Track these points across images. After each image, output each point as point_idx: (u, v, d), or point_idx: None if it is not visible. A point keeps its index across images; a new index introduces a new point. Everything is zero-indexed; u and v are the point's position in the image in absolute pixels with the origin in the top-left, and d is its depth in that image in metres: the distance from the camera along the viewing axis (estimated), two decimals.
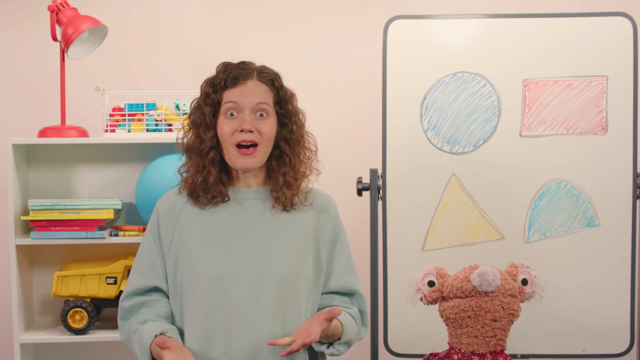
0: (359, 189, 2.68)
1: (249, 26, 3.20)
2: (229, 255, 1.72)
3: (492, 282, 2.14)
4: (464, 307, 2.17)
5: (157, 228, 1.78)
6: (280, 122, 1.79)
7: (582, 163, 2.66)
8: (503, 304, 2.16)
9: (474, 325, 2.19)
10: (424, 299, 2.29)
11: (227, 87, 1.75)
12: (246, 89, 1.74)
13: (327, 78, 3.20)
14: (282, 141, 1.79)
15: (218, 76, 1.77)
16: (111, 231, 2.71)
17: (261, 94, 1.74)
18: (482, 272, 2.15)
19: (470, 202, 2.68)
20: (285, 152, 1.79)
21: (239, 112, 1.73)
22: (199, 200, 1.77)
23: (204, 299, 1.71)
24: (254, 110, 1.73)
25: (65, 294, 2.69)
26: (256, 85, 1.75)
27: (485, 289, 2.15)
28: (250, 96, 1.73)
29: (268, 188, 1.80)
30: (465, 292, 2.18)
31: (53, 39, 2.66)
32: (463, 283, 2.19)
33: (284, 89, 1.80)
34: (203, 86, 1.79)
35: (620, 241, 2.65)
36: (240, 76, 1.75)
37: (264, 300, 1.70)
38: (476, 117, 2.68)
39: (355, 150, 3.18)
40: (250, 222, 1.76)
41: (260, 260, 1.72)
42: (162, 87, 3.03)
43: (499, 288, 2.16)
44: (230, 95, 1.74)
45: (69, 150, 2.85)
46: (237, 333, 1.69)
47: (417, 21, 2.69)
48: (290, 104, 1.80)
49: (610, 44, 2.65)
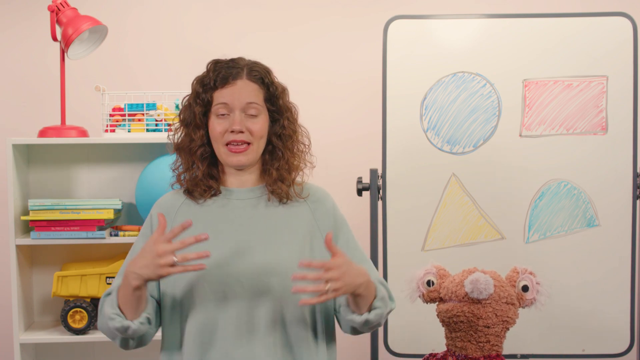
0: (359, 189, 2.68)
1: (249, 26, 3.20)
2: (224, 251, 1.72)
3: (483, 290, 2.14)
4: (456, 312, 2.17)
5: (151, 232, 1.78)
6: (272, 118, 1.80)
7: (582, 163, 2.66)
8: (496, 311, 2.16)
9: (467, 330, 2.19)
10: (422, 297, 2.29)
11: (217, 87, 1.76)
12: (236, 89, 1.75)
13: (327, 78, 3.20)
14: (274, 137, 1.80)
15: (208, 75, 1.78)
16: (111, 231, 2.71)
17: (251, 94, 1.75)
18: (475, 280, 2.15)
19: (470, 202, 2.68)
20: (277, 147, 1.80)
21: (230, 113, 1.74)
22: (193, 194, 1.78)
23: (202, 296, 1.70)
24: (244, 110, 1.74)
25: (65, 294, 2.69)
26: (246, 84, 1.76)
27: (476, 297, 2.15)
28: (240, 96, 1.74)
29: (262, 185, 1.81)
30: (459, 297, 2.18)
31: (53, 39, 2.66)
32: (457, 287, 2.19)
33: (274, 85, 1.80)
34: (193, 84, 1.80)
35: (620, 241, 2.65)
36: (229, 76, 1.75)
37: (262, 296, 1.70)
38: (476, 117, 2.68)
39: (355, 150, 3.18)
40: (247, 217, 1.76)
41: (258, 256, 1.72)
42: (162, 87, 3.03)
43: (492, 296, 2.16)
44: (220, 95, 1.75)
45: (69, 150, 2.85)
46: (235, 335, 1.69)
47: (417, 21, 2.69)
48: (281, 100, 1.81)
49: (610, 44, 2.65)
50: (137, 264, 1.62)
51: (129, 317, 1.66)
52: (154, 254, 1.59)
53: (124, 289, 1.65)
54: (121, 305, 1.66)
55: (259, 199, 1.80)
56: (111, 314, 1.65)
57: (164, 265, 1.59)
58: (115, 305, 1.66)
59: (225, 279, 1.70)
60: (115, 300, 1.67)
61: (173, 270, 1.60)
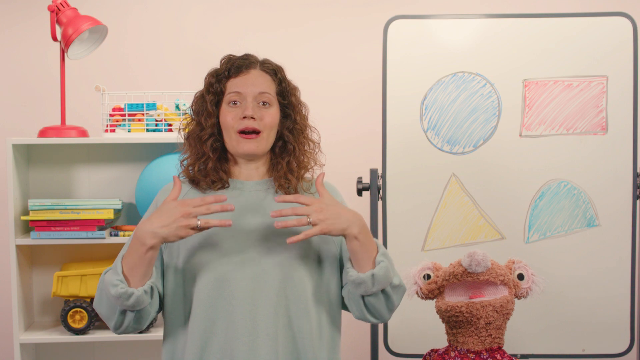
0: (359, 189, 2.68)
1: (249, 26, 3.20)
2: (229, 241, 1.72)
3: (481, 261, 2.14)
4: (455, 312, 2.17)
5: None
6: (283, 113, 1.81)
7: (582, 163, 2.66)
8: (496, 308, 2.15)
9: (467, 327, 2.19)
10: (420, 292, 2.29)
11: (230, 76, 1.77)
12: (249, 78, 1.76)
13: (327, 78, 3.20)
14: (286, 131, 1.81)
15: (222, 67, 1.80)
16: (111, 231, 2.71)
17: (264, 84, 1.77)
18: (472, 253, 2.15)
19: (470, 202, 2.68)
20: (289, 142, 1.80)
21: (242, 101, 1.75)
22: (199, 185, 1.78)
23: (205, 288, 1.69)
24: (256, 99, 1.75)
25: (65, 294, 2.69)
26: (259, 74, 1.78)
27: (474, 270, 2.15)
28: (253, 85, 1.76)
29: (270, 179, 1.81)
30: (457, 276, 2.18)
31: (53, 39, 2.66)
32: (455, 268, 2.19)
33: (287, 82, 1.83)
34: (206, 78, 1.81)
35: (620, 241, 2.65)
36: (243, 65, 1.78)
37: (266, 290, 1.69)
38: (476, 117, 2.68)
39: (355, 150, 3.18)
40: (252, 208, 1.76)
41: (262, 245, 1.72)
42: (162, 87, 3.03)
43: (489, 271, 2.16)
44: (233, 84, 1.76)
45: (69, 150, 2.85)
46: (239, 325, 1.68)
47: (417, 21, 2.69)
48: (293, 96, 1.82)
49: (610, 44, 2.65)
50: (154, 224, 1.59)
51: (132, 285, 1.62)
52: (179, 213, 1.58)
53: (132, 254, 1.61)
54: (126, 272, 1.62)
55: (267, 191, 1.80)
56: (114, 280, 1.60)
57: (186, 226, 1.58)
58: (120, 272, 1.62)
59: (227, 271, 1.70)
60: (120, 267, 1.63)
61: (193, 232, 1.60)
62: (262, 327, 1.68)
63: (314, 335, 1.72)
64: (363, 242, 1.66)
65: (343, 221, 1.65)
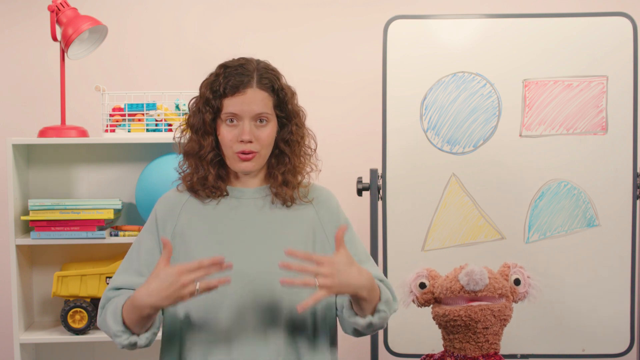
0: (359, 189, 2.68)
1: (249, 26, 3.20)
2: (228, 251, 1.72)
3: (479, 281, 2.13)
4: (453, 316, 2.17)
5: (156, 228, 1.78)
6: (280, 123, 1.80)
7: (582, 163, 2.66)
8: (494, 312, 2.15)
9: (465, 332, 2.18)
10: (416, 301, 2.29)
11: (226, 94, 1.75)
12: (246, 99, 1.74)
13: (327, 78, 3.20)
14: (282, 142, 1.80)
15: (217, 80, 1.77)
16: (111, 231, 2.71)
17: (260, 103, 1.75)
18: (470, 272, 2.14)
19: (470, 202, 2.68)
20: (284, 153, 1.80)
21: (239, 121, 1.74)
22: (198, 193, 1.78)
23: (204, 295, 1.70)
24: (254, 118, 1.74)
25: (65, 294, 2.69)
26: (255, 93, 1.75)
27: (472, 288, 2.14)
28: (249, 107, 1.74)
29: (267, 186, 1.81)
30: (455, 292, 2.17)
31: (53, 39, 2.66)
32: (452, 283, 2.19)
33: (284, 91, 1.80)
34: (202, 89, 1.79)
35: (620, 241, 2.65)
36: (239, 85, 1.74)
37: (264, 298, 1.70)
38: (476, 117, 2.68)
39: (355, 150, 3.18)
40: (250, 218, 1.77)
41: (260, 256, 1.72)
42: (162, 87, 3.03)
43: (488, 287, 2.15)
44: (230, 104, 1.74)
45: (69, 150, 2.85)
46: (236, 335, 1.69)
47: (417, 21, 2.69)
48: (290, 104, 1.81)
49: (610, 44, 2.65)
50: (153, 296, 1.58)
51: (135, 331, 1.64)
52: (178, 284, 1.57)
53: (132, 313, 1.62)
54: (127, 322, 1.64)
55: (264, 199, 1.80)
56: (116, 332, 1.63)
57: (186, 294, 1.58)
58: (120, 321, 1.64)
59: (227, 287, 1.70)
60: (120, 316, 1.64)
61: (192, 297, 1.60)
62: (261, 335, 1.69)
63: (311, 343, 1.74)
64: (369, 300, 1.67)
65: (352, 288, 1.63)
